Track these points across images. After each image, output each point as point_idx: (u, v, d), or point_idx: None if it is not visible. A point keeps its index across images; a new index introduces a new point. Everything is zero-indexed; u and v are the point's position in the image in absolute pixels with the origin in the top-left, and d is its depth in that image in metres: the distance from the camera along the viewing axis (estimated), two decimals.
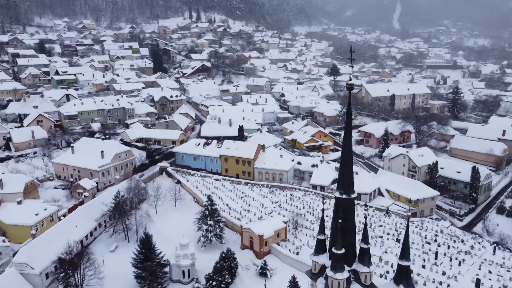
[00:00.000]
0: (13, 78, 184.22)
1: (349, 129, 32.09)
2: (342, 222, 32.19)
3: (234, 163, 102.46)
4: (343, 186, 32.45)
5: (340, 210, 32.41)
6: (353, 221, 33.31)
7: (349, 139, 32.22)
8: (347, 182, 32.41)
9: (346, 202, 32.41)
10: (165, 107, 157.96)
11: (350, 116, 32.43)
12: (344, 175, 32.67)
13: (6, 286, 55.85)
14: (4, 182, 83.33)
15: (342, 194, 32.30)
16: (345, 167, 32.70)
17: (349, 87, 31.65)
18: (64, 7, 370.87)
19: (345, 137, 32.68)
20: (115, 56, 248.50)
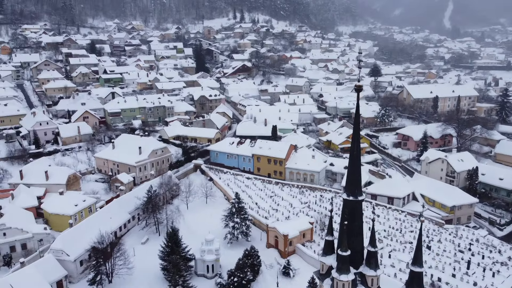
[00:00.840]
0: (65, 76, 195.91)
1: (357, 131, 32.02)
2: (349, 224, 32.22)
3: (266, 162, 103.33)
4: (350, 188, 32.44)
5: (347, 211, 32.38)
6: (361, 223, 33.12)
7: (357, 142, 32.14)
8: (354, 184, 32.39)
9: (353, 204, 32.36)
10: (204, 106, 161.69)
11: (358, 118, 32.33)
12: (352, 177, 32.66)
13: (44, 270, 60.16)
14: (49, 174, 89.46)
15: (349, 196, 32.30)
16: (353, 170, 32.68)
17: (356, 88, 31.56)
18: (115, 9, 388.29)
19: (353, 139, 32.63)
20: (160, 56, 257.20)
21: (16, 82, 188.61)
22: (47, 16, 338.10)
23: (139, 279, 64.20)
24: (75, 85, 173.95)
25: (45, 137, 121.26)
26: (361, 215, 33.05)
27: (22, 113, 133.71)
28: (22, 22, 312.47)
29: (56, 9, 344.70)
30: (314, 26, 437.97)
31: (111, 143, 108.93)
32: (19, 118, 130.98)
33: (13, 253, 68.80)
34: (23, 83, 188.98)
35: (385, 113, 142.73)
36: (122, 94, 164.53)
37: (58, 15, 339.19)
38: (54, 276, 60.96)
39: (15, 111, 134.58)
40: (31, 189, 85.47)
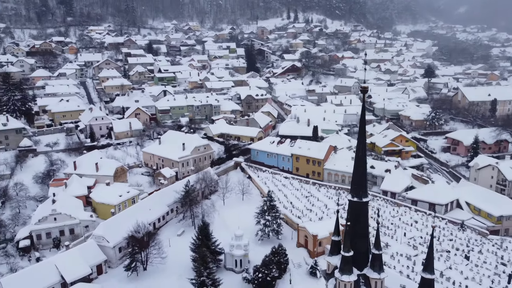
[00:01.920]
0: (123, 75, 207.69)
1: (363, 133, 32.03)
2: (354, 225, 32.36)
3: (304, 162, 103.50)
4: (355, 190, 32.52)
5: (352, 213, 32.51)
6: (365, 225, 33.05)
7: (363, 143, 32.14)
8: (359, 186, 32.43)
9: (357, 205, 32.45)
10: (250, 105, 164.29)
11: (364, 119, 32.29)
12: (357, 179, 32.69)
13: (86, 254, 65.29)
14: (99, 166, 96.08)
15: (354, 197, 32.41)
16: (358, 171, 32.69)
17: (362, 90, 31.57)
18: (174, 11, 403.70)
19: (358, 141, 32.67)
20: (213, 55, 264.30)
21: (79, 80, 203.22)
22: (111, 18, 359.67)
23: (171, 268, 67.46)
24: (131, 83, 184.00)
25: (100, 131, 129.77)
26: (366, 217, 32.96)
27: (82, 108, 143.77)
28: (89, 23, 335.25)
29: (119, 11, 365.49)
30: (371, 25, 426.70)
31: (158, 139, 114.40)
32: (79, 113, 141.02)
33: (62, 237, 75.07)
34: (85, 81, 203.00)
35: (435, 116, 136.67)
36: (173, 92, 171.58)
37: (121, 17, 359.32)
38: (94, 260, 65.97)
39: (76, 106, 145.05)
40: (82, 179, 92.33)
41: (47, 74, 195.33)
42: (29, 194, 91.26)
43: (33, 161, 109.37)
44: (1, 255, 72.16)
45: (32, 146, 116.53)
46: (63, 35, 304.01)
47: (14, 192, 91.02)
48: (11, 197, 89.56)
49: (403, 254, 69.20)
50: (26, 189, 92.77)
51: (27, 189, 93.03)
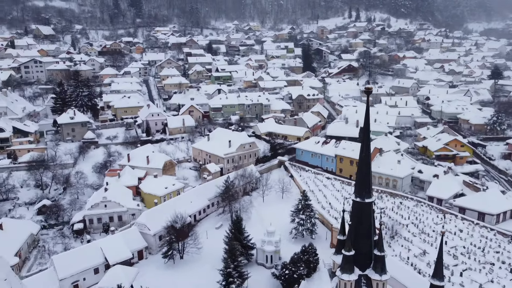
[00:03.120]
0: (183, 73, 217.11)
1: (367, 133, 32.04)
2: (357, 225, 32.63)
3: (348, 163, 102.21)
4: (359, 190, 32.68)
5: (355, 213, 32.73)
6: (369, 226, 33.04)
7: (367, 144, 32.17)
8: (362, 187, 32.56)
9: (360, 206, 32.59)
10: (301, 105, 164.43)
11: (368, 121, 32.29)
12: (360, 180, 32.81)
13: (128, 240, 70.41)
14: (150, 159, 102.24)
15: (357, 197, 32.61)
16: (362, 172, 32.79)
17: (366, 91, 31.63)
18: (236, 11, 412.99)
19: (362, 141, 32.73)
20: (271, 55, 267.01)
21: (143, 78, 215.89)
22: (176, 19, 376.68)
23: (206, 259, 70.53)
24: (188, 82, 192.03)
25: (155, 126, 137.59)
26: (369, 218, 32.96)
27: (141, 105, 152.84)
28: (156, 25, 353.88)
29: (184, 12, 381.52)
30: (439, 23, 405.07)
31: (207, 136, 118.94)
32: (138, 109, 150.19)
33: (111, 223, 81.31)
34: (148, 79, 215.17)
35: (497, 120, 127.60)
36: (228, 91, 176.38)
37: (186, 18, 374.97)
38: (136, 245, 70.98)
39: (136, 103, 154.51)
40: (134, 171, 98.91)
41: (114, 72, 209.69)
42: (87, 182, 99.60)
43: (94, 152, 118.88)
44: (58, 236, 79.94)
45: (95, 139, 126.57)
46: (132, 35, 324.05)
47: (75, 179, 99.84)
48: (72, 184, 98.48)
49: None
50: (85, 177, 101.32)
51: (86, 177, 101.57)
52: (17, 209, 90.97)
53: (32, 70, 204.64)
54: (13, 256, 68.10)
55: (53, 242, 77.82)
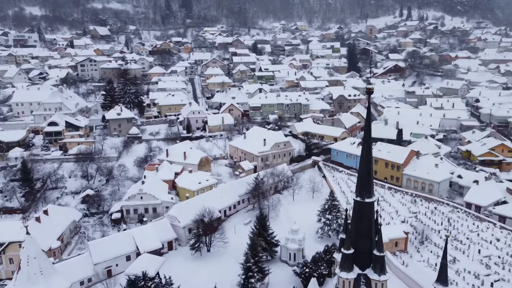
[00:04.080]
0: (227, 73, 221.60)
1: (368, 134, 32.13)
2: (357, 224, 32.89)
3: (383, 166, 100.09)
4: (359, 190, 32.84)
5: (356, 212, 32.95)
6: (369, 226, 33.09)
7: (368, 145, 32.26)
8: (363, 187, 32.67)
9: (360, 206, 32.76)
10: (342, 105, 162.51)
11: (369, 121, 32.32)
12: (361, 180, 32.93)
13: (159, 231, 73.96)
14: (187, 155, 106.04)
15: (357, 197, 32.80)
16: (362, 172, 32.89)
17: (368, 91, 31.69)
18: (284, 11, 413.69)
19: (363, 142, 32.80)
20: (316, 55, 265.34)
21: (189, 77, 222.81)
22: (225, 19, 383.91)
23: (232, 253, 72.38)
24: (231, 81, 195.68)
25: (196, 124, 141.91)
26: (369, 218, 33.02)
27: (184, 103, 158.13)
28: (204, 25, 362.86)
29: (232, 13, 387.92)
30: (498, 21, 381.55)
31: (244, 134, 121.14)
32: (181, 107, 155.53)
33: (146, 214, 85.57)
34: (194, 78, 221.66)
35: None
36: (269, 90, 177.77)
37: (234, 18, 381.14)
38: (166, 236, 74.37)
39: (179, 101, 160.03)
40: (172, 166, 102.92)
41: (162, 71, 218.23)
42: (128, 175, 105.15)
43: (137, 147, 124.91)
44: (97, 224, 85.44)
45: (139, 134, 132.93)
46: (181, 36, 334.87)
47: (118, 172, 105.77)
48: (114, 176, 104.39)
49: (471, 272, 63.87)
50: (127, 170, 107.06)
51: (127, 170, 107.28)
52: (64, 197, 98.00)
53: (87, 69, 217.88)
54: (55, 240, 73.79)
55: (93, 230, 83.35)
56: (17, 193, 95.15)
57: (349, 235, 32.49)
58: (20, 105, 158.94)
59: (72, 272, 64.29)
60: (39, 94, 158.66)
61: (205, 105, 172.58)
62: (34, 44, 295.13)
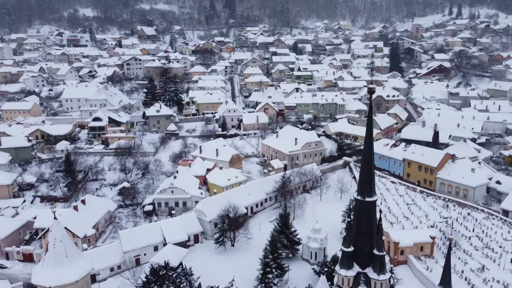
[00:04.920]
0: (266, 72, 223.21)
1: (369, 134, 32.21)
2: (358, 223, 33.10)
3: (416, 168, 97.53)
4: (360, 189, 33.00)
5: (356, 211, 33.17)
6: (369, 225, 33.16)
7: (370, 144, 32.34)
8: (364, 186, 32.79)
9: (361, 204, 32.91)
10: (380, 106, 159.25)
11: (371, 121, 32.37)
12: (362, 179, 33.06)
13: (186, 223, 76.70)
14: (219, 152, 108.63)
15: (358, 196, 32.99)
16: (363, 171, 33.00)
17: (369, 90, 31.76)
18: (327, 10, 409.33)
19: (365, 142, 32.88)
20: (357, 55, 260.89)
21: (229, 76, 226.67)
22: (267, 19, 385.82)
23: (255, 249, 73.46)
24: (269, 80, 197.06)
25: (231, 122, 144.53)
26: (370, 217, 33.06)
27: (221, 101, 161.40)
28: (247, 25, 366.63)
29: (275, 13, 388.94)
30: None
31: (276, 133, 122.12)
32: (218, 105, 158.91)
33: (176, 208, 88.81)
34: (233, 77, 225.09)
35: None
36: (307, 90, 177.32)
37: (276, 18, 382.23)
38: (193, 229, 77.00)
39: (217, 99, 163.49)
40: (204, 162, 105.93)
41: (202, 70, 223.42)
42: (162, 170, 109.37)
43: (174, 143, 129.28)
44: (131, 215, 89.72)
45: (176, 131, 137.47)
46: (224, 35, 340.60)
47: (153, 167, 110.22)
48: (150, 170, 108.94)
49: (500, 281, 61.29)
50: (162, 165, 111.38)
51: (163, 165, 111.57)
52: (103, 188, 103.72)
53: (132, 67, 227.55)
54: (91, 228, 78.46)
55: (126, 220, 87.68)
56: (61, 183, 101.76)
57: (349, 233, 32.78)
58: (69, 101, 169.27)
59: (104, 258, 68.60)
60: (86, 91, 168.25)
61: (242, 104, 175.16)
62: (86, 44, 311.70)
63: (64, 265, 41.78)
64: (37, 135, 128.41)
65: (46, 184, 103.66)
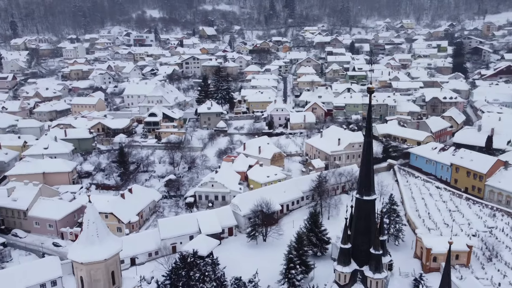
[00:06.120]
0: (320, 72, 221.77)
1: (369, 133, 32.38)
2: (357, 221, 33.52)
3: (464, 174, 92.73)
4: (359, 188, 33.32)
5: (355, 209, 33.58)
6: (367, 223, 33.38)
7: (368, 144, 32.53)
8: (362, 185, 33.09)
9: (359, 203, 33.28)
10: (435, 108, 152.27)
11: (370, 121, 32.49)
12: (361, 178, 33.34)
13: (221, 216, 79.90)
14: (261, 149, 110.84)
15: (357, 194, 33.35)
16: (362, 170, 33.25)
17: (368, 90, 31.90)
18: (390, 8, 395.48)
19: (365, 142, 33.05)
20: (418, 55, 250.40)
21: (283, 75, 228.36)
22: (326, 18, 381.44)
23: (285, 245, 74.52)
24: (321, 80, 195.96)
25: (279, 121, 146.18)
26: (368, 215, 33.25)
27: (271, 100, 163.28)
28: (305, 24, 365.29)
29: (335, 12, 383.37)
30: None
31: (320, 132, 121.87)
32: (268, 104, 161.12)
33: (216, 201, 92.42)
34: (287, 76, 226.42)
35: None
36: (360, 90, 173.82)
37: (336, 17, 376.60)
38: (227, 222, 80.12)
39: (267, 98, 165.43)
40: (247, 159, 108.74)
41: (256, 69, 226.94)
42: (207, 164, 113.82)
43: (221, 139, 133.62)
44: (173, 205, 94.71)
45: (225, 128, 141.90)
46: (282, 35, 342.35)
47: (200, 161, 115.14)
48: (196, 165, 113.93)
49: None
50: (208, 160, 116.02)
51: (208, 160, 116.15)
52: (151, 180, 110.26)
53: (190, 66, 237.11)
54: (135, 215, 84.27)
55: (169, 210, 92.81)
56: (114, 173, 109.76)
57: (346, 230, 33.26)
58: (130, 97, 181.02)
59: (143, 243, 73.79)
60: (145, 88, 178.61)
61: (292, 103, 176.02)
62: (150, 44, 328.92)
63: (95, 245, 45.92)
64: (98, 128, 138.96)
65: (102, 173, 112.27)
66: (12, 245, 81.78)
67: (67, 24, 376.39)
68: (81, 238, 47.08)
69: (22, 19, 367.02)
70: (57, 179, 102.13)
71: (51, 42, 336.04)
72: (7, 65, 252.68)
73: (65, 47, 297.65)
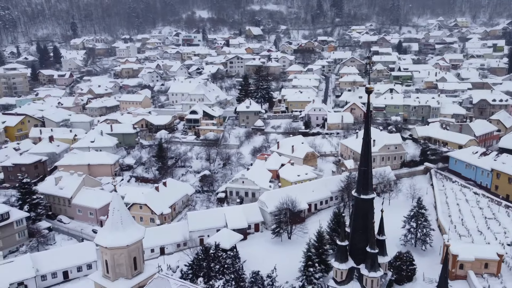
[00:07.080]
0: (364, 72, 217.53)
1: (367, 133, 32.60)
2: (355, 220, 33.95)
3: (506, 181, 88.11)
4: (357, 187, 33.67)
5: (354, 208, 34.00)
6: (364, 222, 33.66)
7: (367, 143, 32.75)
8: (360, 184, 33.42)
9: (357, 201, 33.69)
10: (483, 111, 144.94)
11: (368, 121, 32.65)
12: (359, 177, 33.65)
13: (247, 212, 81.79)
14: (295, 148, 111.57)
15: (355, 193, 33.73)
16: (360, 170, 33.52)
17: (367, 90, 32.09)
18: (444, 6, 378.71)
19: (363, 142, 33.26)
20: (470, 55, 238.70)
21: (326, 75, 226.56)
22: (375, 17, 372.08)
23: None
24: (363, 80, 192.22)
25: (316, 121, 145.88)
26: (366, 214, 33.55)
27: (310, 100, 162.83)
28: (353, 23, 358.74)
29: (384, 10, 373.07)
30: None
31: (356, 133, 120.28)
32: (307, 103, 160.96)
33: (246, 197, 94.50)
34: (330, 76, 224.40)
35: None
36: (404, 91, 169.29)
37: (385, 15, 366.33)
38: (253, 218, 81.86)
39: (306, 98, 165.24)
40: (280, 157, 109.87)
41: (299, 69, 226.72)
42: (241, 162, 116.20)
43: (257, 138, 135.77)
44: (205, 200, 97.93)
45: (262, 127, 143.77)
46: (328, 34, 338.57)
47: (235, 158, 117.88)
48: (231, 161, 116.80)
49: None
50: (242, 157, 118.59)
51: (243, 158, 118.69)
52: (188, 174, 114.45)
53: (234, 65, 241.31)
54: (167, 208, 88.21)
55: (200, 204, 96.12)
56: (153, 167, 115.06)
57: (344, 228, 33.74)
58: (175, 95, 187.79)
59: (172, 234, 77.35)
60: (189, 86, 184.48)
61: (332, 103, 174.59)
62: (198, 43, 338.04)
63: (119, 231, 49.27)
64: (142, 124, 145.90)
65: (142, 167, 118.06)
66: (57, 230, 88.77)
67: (122, 25, 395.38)
68: (107, 224, 50.63)
69: (82, 20, 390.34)
70: (100, 171, 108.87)
71: (106, 42, 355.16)
72: (66, 63, 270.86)
73: (118, 47, 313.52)
